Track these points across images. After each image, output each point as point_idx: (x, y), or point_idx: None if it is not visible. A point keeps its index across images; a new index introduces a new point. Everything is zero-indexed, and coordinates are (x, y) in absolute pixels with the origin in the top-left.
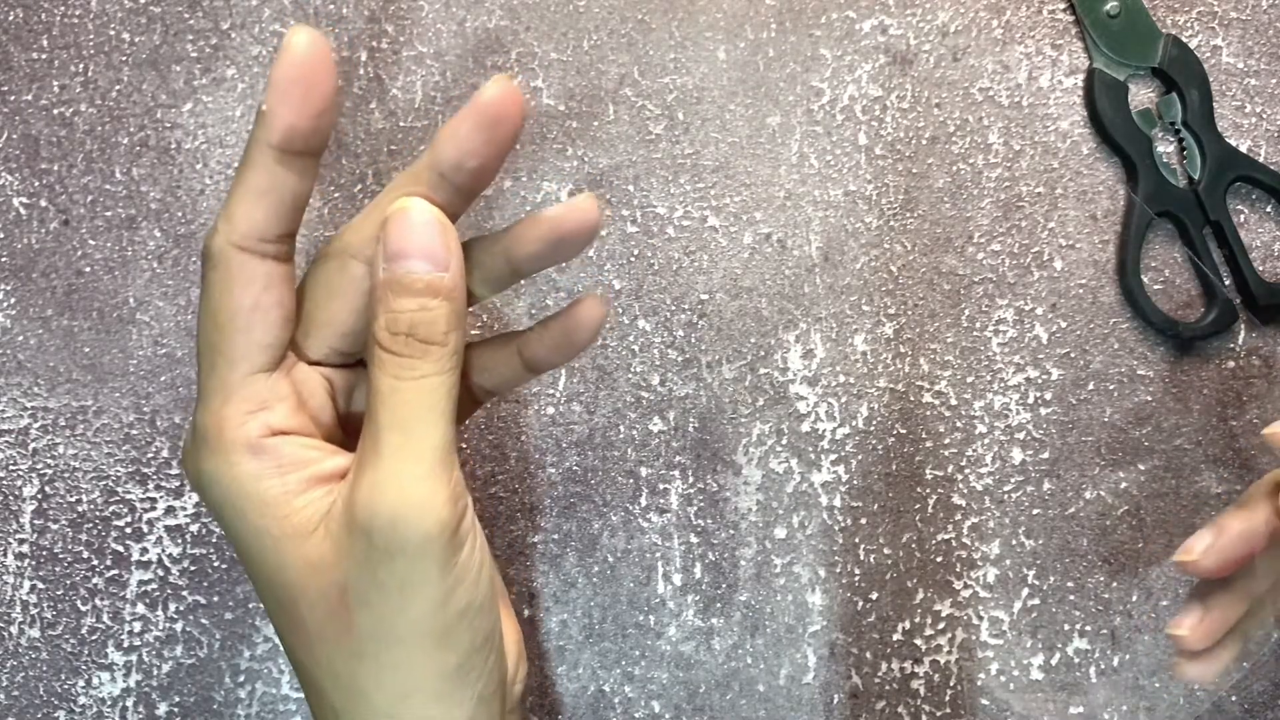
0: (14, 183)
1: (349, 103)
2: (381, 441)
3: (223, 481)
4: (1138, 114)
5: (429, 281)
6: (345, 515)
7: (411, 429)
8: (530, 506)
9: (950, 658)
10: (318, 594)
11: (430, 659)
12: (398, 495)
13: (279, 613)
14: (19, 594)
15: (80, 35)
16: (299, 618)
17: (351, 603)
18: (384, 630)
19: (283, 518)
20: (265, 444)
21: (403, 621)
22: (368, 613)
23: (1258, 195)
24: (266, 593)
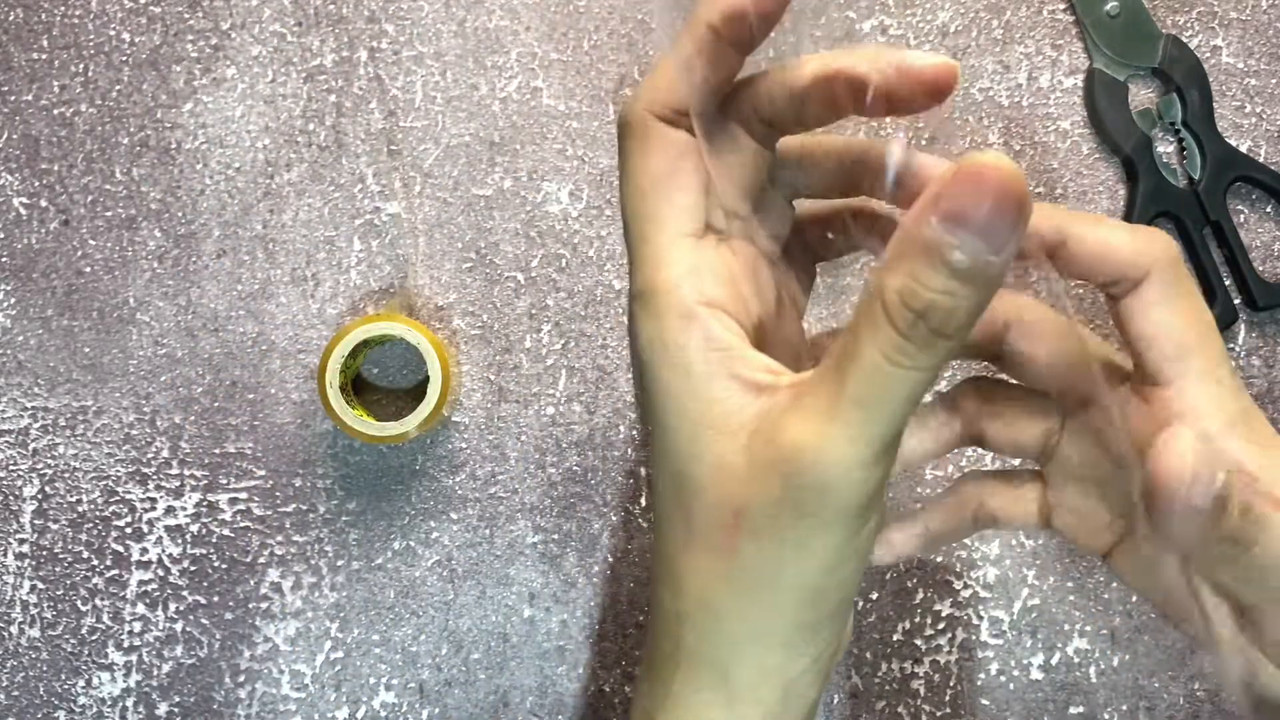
0: (14, 183)
1: (349, 102)
2: (842, 409)
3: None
4: (1138, 114)
5: (972, 268)
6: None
7: (878, 414)
8: (530, 506)
9: (950, 658)
10: (718, 498)
11: (795, 611)
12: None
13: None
14: (19, 594)
15: (80, 35)
16: (689, 512)
17: (744, 528)
18: (764, 569)
19: (706, 402)
20: (698, 311)
21: (786, 572)
22: (756, 547)
23: (1258, 195)
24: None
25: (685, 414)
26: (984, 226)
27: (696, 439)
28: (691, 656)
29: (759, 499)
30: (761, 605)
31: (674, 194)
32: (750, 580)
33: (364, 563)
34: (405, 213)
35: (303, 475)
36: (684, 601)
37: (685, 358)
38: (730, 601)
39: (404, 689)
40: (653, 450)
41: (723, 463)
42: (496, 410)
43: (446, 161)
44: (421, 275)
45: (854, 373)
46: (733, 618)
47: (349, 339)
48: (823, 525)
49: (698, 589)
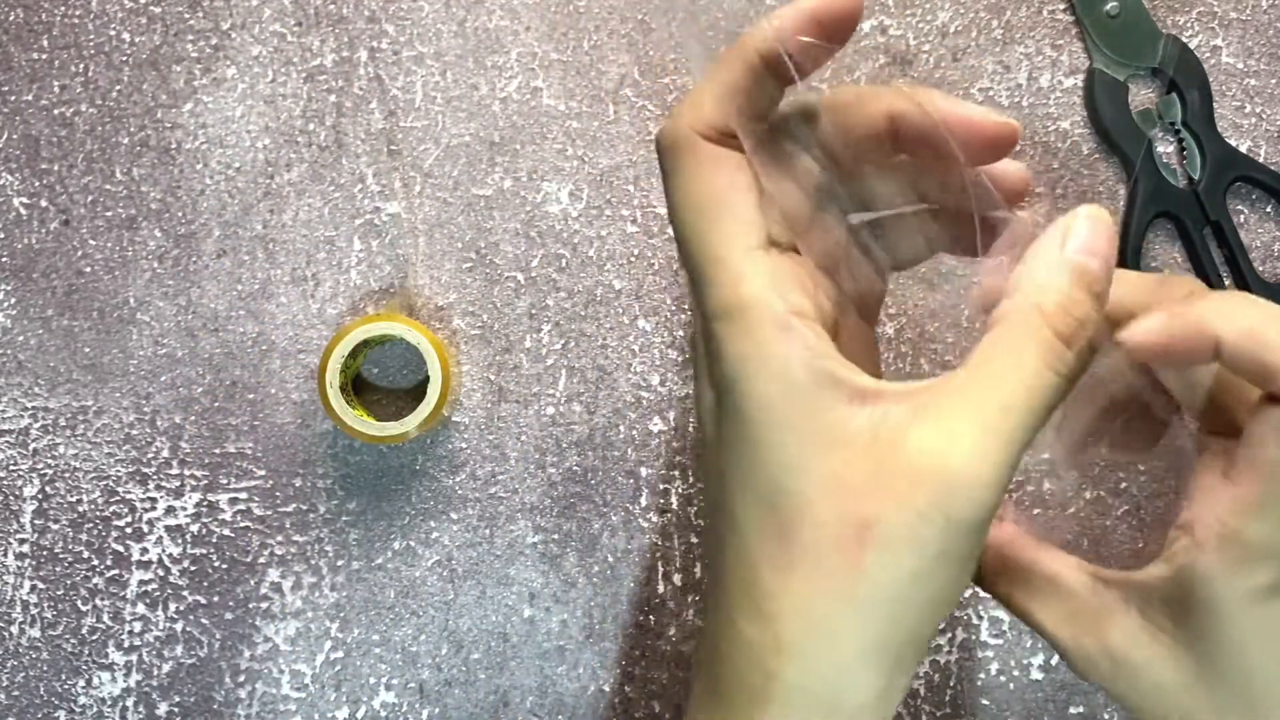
0: (14, 183)
1: (349, 103)
2: (991, 415)
3: (751, 362)
4: (1138, 114)
5: (1104, 291)
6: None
7: (1028, 420)
8: (530, 506)
9: (950, 658)
10: (836, 513)
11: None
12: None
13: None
14: (19, 594)
15: (80, 35)
16: (791, 532)
17: (873, 542)
18: (898, 583)
19: (814, 412)
20: (792, 322)
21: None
22: (890, 560)
23: (1257, 195)
24: (756, 496)
25: (789, 427)
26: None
27: (803, 452)
28: (792, 689)
29: (894, 511)
30: (888, 621)
31: (737, 208)
32: (879, 595)
33: (364, 563)
34: (405, 213)
35: (303, 475)
36: (783, 628)
37: (788, 369)
38: (850, 620)
39: (404, 689)
40: (731, 474)
41: (838, 475)
42: (496, 410)
43: (446, 161)
44: (421, 275)
45: (1010, 378)
46: (851, 639)
47: (349, 339)
48: (967, 533)
49: (803, 613)
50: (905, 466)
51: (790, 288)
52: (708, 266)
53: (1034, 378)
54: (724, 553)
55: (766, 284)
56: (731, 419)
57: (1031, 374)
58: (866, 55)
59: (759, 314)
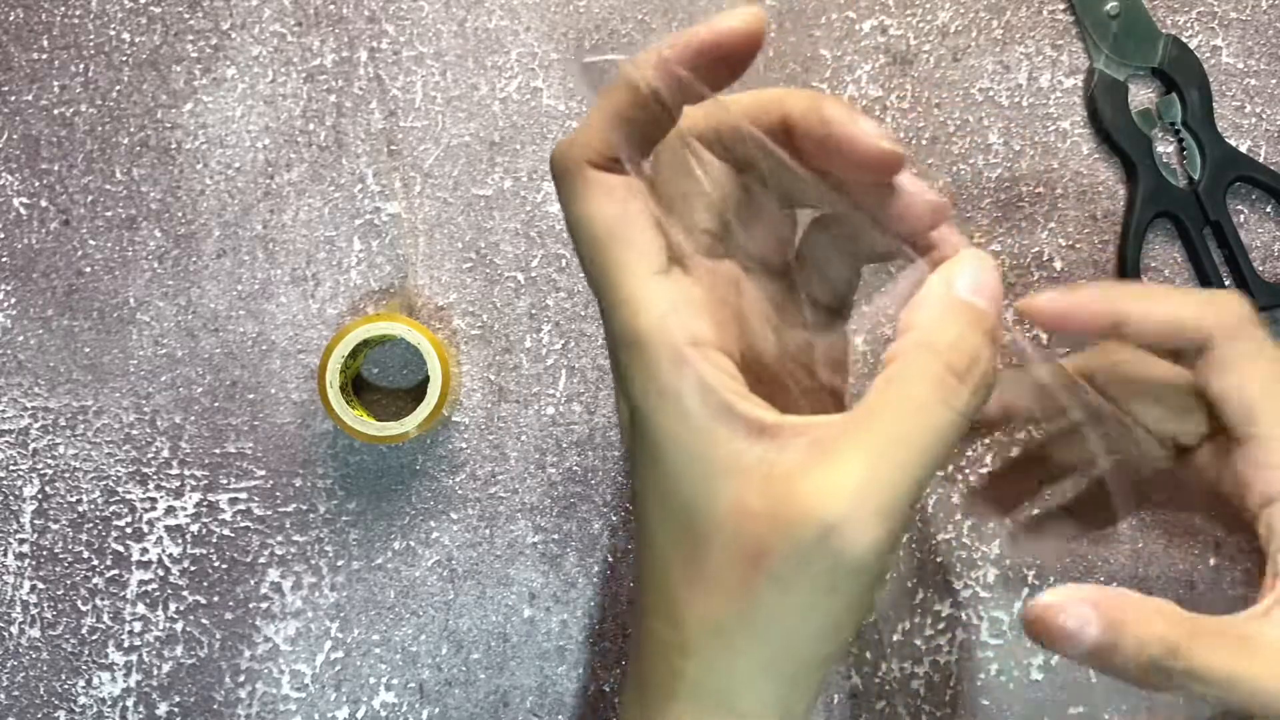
0: (14, 183)
1: (349, 103)
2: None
3: (650, 395)
4: (1138, 114)
5: (995, 330)
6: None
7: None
8: (530, 506)
9: (950, 658)
10: (734, 540)
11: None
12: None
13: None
14: (19, 594)
15: (80, 35)
16: (697, 551)
17: (764, 572)
18: (787, 613)
19: (711, 445)
20: (687, 354)
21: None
22: (779, 592)
23: (1257, 195)
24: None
25: (693, 458)
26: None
27: (709, 481)
28: (695, 688)
29: (784, 546)
30: (778, 645)
31: (632, 236)
32: (769, 621)
33: (364, 563)
34: (405, 213)
35: (303, 475)
36: (686, 633)
37: (682, 405)
38: (744, 639)
39: (404, 689)
40: (645, 490)
41: (740, 505)
42: (496, 410)
43: (447, 161)
44: (421, 275)
45: (902, 412)
46: (745, 654)
47: (349, 339)
48: (854, 573)
49: (705, 623)
50: (796, 503)
51: (690, 314)
52: (607, 294)
53: (926, 414)
54: (641, 562)
55: (664, 312)
56: (642, 442)
57: (923, 409)
58: (867, 55)
59: (655, 348)
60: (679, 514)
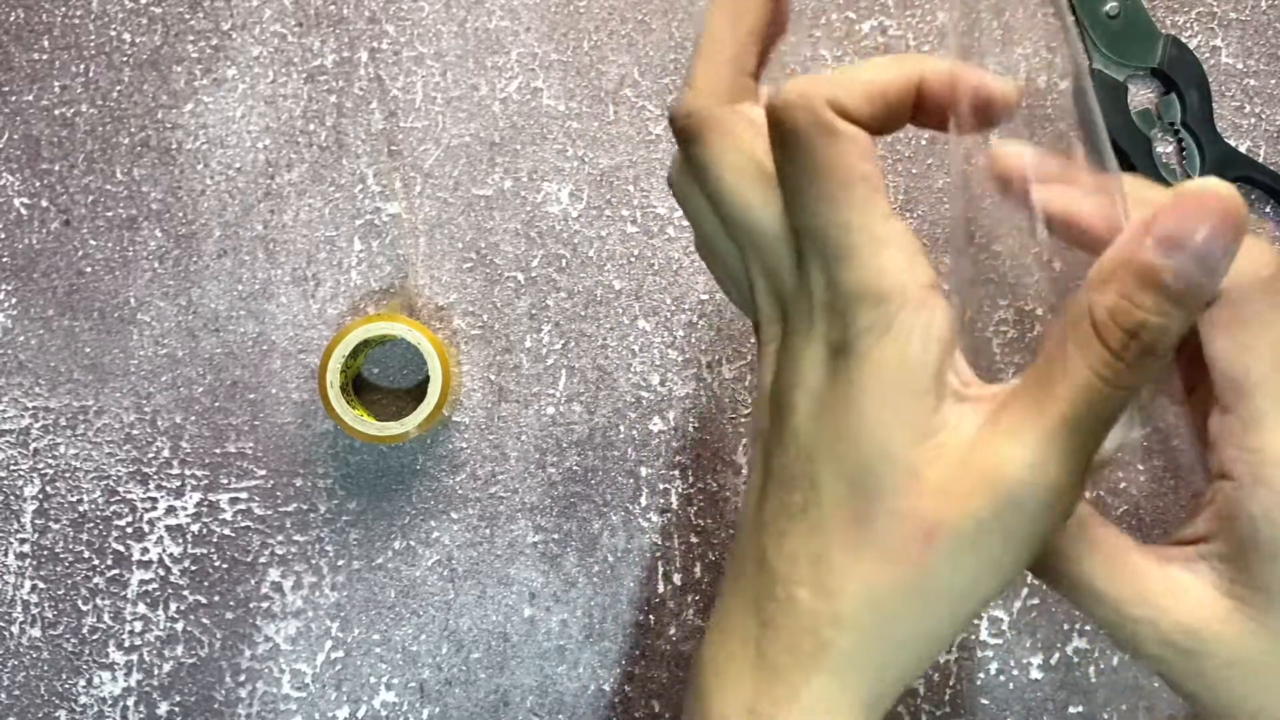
0: (15, 183)
1: (349, 103)
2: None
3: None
4: (1137, 114)
5: (1188, 289)
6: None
7: (1089, 436)
8: (530, 506)
9: (950, 657)
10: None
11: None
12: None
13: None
14: (20, 593)
15: (81, 36)
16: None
17: (938, 546)
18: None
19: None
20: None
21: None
22: (952, 565)
23: (1257, 195)
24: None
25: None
26: (1199, 251)
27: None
28: (846, 660)
29: (960, 518)
30: (944, 616)
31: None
32: (939, 593)
33: (364, 562)
34: (406, 213)
35: (303, 475)
36: (844, 604)
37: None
38: (910, 608)
39: (404, 688)
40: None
41: (917, 471)
42: (496, 410)
43: (447, 162)
44: (422, 275)
45: (1066, 392)
46: (908, 624)
47: (349, 339)
48: (1022, 545)
49: (867, 594)
50: (980, 477)
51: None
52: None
53: (1090, 392)
54: (796, 524)
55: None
56: (841, 383)
57: (1086, 388)
58: (867, 55)
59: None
60: (856, 474)
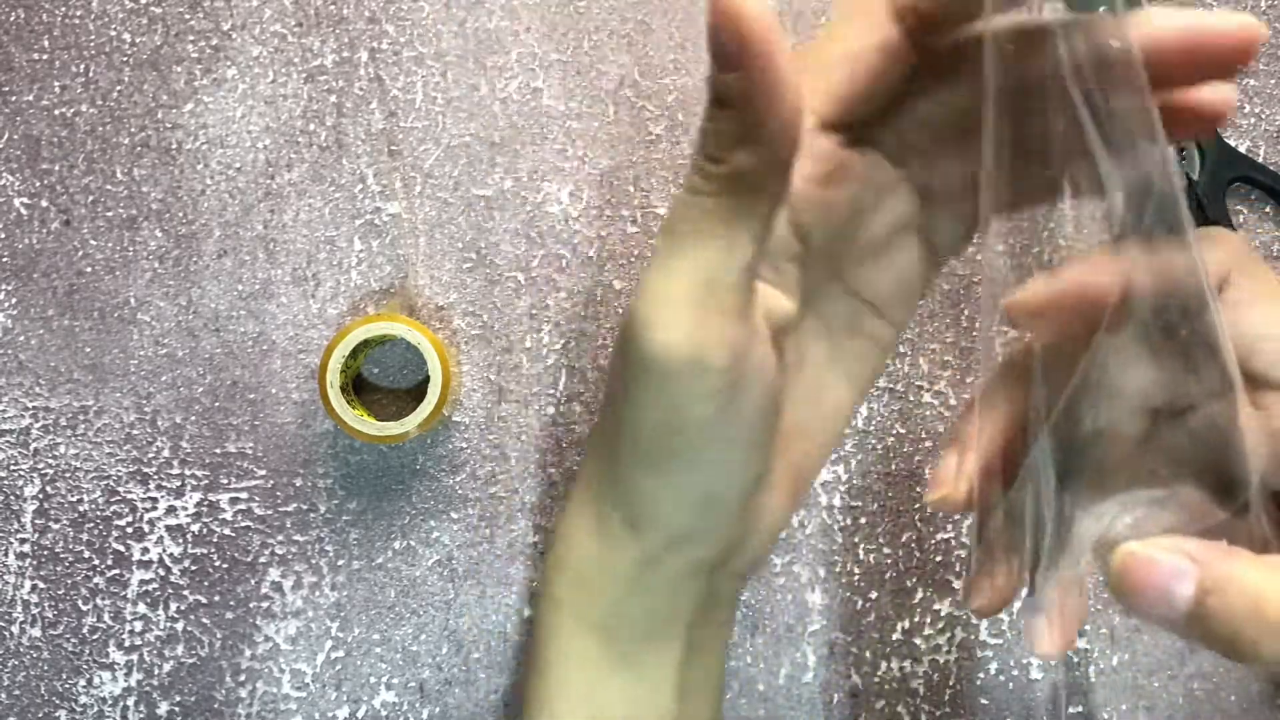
0: (15, 183)
1: (349, 103)
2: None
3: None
4: None
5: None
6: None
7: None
8: (530, 506)
9: (949, 657)
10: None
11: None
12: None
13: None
14: (20, 593)
15: (81, 36)
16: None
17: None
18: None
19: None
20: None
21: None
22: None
23: (1257, 195)
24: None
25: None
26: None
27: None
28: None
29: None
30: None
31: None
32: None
33: (364, 562)
34: (406, 213)
35: (303, 475)
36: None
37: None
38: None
39: (404, 688)
40: None
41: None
42: (496, 410)
43: (447, 162)
44: (422, 275)
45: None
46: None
47: (349, 339)
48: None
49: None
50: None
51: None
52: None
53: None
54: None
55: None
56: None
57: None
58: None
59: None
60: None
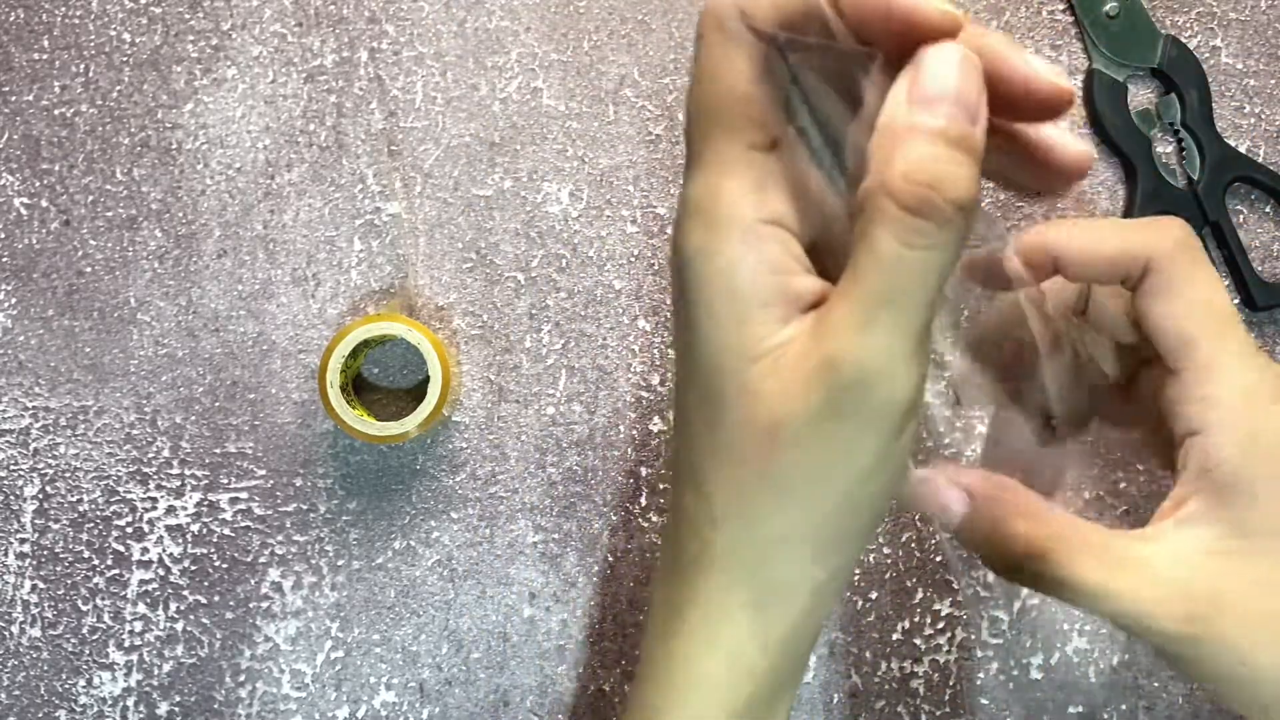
0: (15, 183)
1: (349, 103)
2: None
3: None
4: (1137, 114)
5: (963, 134)
6: (808, 360)
7: (904, 305)
8: (530, 506)
9: (950, 657)
10: (746, 418)
11: (833, 516)
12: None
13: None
14: (20, 593)
15: (81, 36)
16: (716, 425)
17: (781, 441)
18: (807, 473)
19: (744, 324)
20: (760, 230)
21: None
22: (799, 454)
23: (1257, 195)
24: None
25: (721, 330)
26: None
27: (726, 358)
28: (722, 558)
29: (799, 411)
30: (801, 509)
31: (753, 104)
32: (791, 484)
33: (364, 562)
34: (405, 213)
35: (303, 475)
36: (715, 504)
37: (734, 278)
38: (767, 505)
39: (404, 688)
40: (679, 353)
41: (751, 387)
42: (496, 410)
43: (447, 162)
44: (422, 275)
45: (873, 268)
46: (768, 522)
47: (349, 339)
48: (867, 425)
49: (730, 494)
50: (812, 368)
51: (775, 193)
52: (700, 151)
53: (898, 262)
54: (676, 435)
55: (750, 185)
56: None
57: (893, 260)
58: None
59: (730, 214)
60: (703, 387)
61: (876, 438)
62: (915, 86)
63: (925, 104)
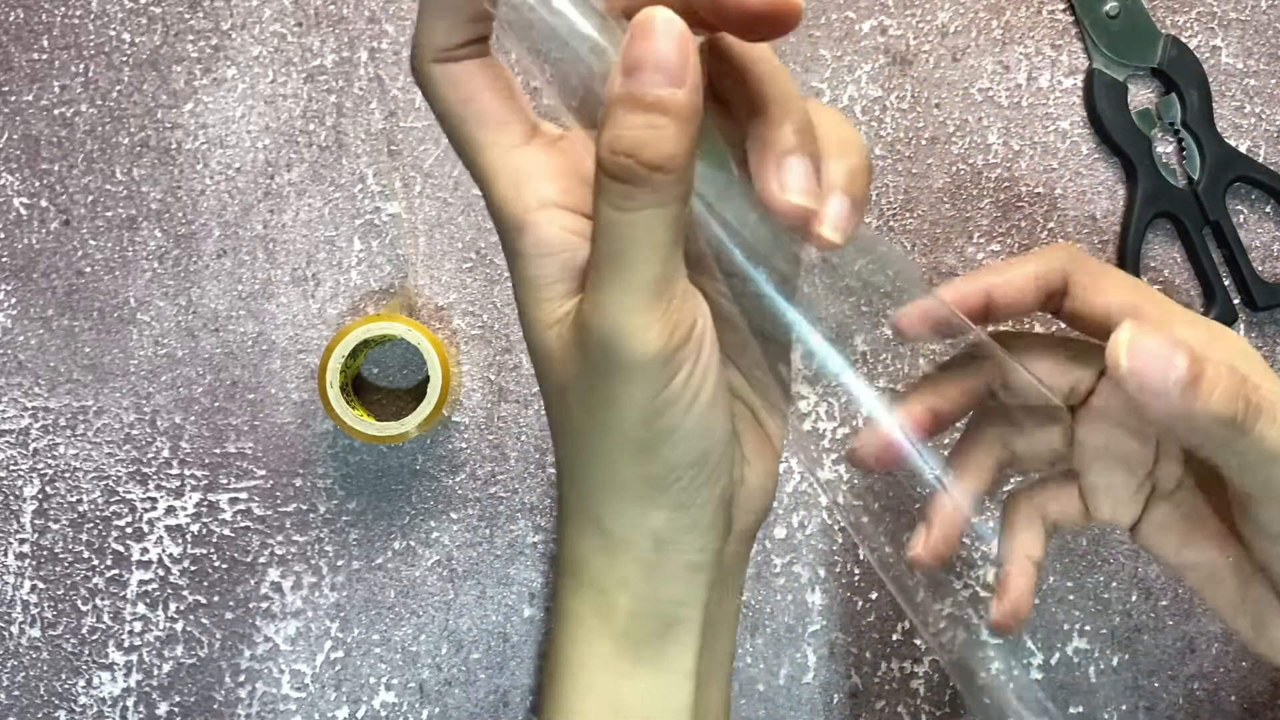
0: (15, 183)
1: (349, 103)
2: (600, 272)
3: (509, 256)
4: (1137, 114)
5: (660, 97)
6: (573, 327)
7: (626, 264)
8: (530, 506)
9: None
10: (547, 384)
11: (632, 466)
12: (611, 324)
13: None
14: (19, 594)
15: (81, 36)
16: (542, 390)
17: (570, 402)
18: (594, 432)
19: (536, 303)
20: (529, 220)
21: (610, 431)
22: (584, 415)
23: (1257, 195)
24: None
25: (525, 313)
26: (657, 63)
27: (533, 335)
28: (572, 510)
29: (573, 375)
30: (605, 461)
31: (484, 115)
32: (589, 439)
33: (364, 562)
34: (405, 213)
35: (303, 475)
36: (560, 463)
37: (521, 267)
38: (581, 463)
39: (404, 688)
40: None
41: (548, 350)
42: (496, 410)
43: (446, 162)
44: (421, 275)
45: (597, 235)
46: (588, 473)
47: (349, 339)
48: (626, 379)
49: (561, 452)
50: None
51: (539, 178)
52: (472, 173)
53: (612, 226)
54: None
55: (510, 183)
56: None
57: (608, 224)
58: (867, 55)
59: (500, 214)
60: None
61: (640, 387)
62: (623, 58)
63: (629, 73)
